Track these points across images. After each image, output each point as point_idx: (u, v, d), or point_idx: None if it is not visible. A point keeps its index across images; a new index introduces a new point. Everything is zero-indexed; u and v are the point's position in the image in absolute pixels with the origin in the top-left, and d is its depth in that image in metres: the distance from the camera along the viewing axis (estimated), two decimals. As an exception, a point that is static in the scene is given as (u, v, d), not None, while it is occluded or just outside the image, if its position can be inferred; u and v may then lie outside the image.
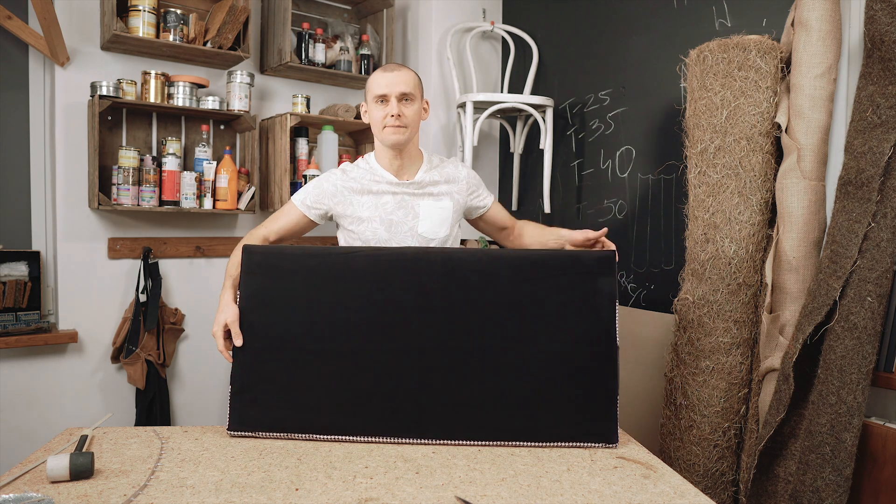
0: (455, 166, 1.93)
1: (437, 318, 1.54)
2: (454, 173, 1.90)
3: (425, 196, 1.85)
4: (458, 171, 1.91)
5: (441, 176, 1.88)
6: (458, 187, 1.89)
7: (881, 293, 1.63)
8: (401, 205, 1.83)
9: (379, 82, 1.76)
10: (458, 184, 1.89)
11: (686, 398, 2.00)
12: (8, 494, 1.16)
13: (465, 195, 1.91)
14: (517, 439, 1.48)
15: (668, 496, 1.25)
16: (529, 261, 1.57)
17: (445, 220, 1.85)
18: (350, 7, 3.22)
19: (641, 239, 2.58)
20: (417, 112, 1.79)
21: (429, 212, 1.83)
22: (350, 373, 1.52)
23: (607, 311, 1.54)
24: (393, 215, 1.82)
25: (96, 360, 2.66)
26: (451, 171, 1.90)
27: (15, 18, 2.42)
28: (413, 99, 1.76)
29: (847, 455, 1.62)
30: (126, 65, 2.67)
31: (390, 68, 1.77)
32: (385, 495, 1.22)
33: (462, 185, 1.90)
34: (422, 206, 1.83)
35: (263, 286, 1.58)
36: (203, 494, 1.21)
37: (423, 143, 3.15)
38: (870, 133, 1.68)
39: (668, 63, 2.45)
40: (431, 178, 1.86)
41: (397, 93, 1.74)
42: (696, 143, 2.02)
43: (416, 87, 1.79)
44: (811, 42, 1.83)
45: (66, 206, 2.57)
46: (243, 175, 2.83)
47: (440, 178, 1.87)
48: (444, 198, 1.86)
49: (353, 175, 1.86)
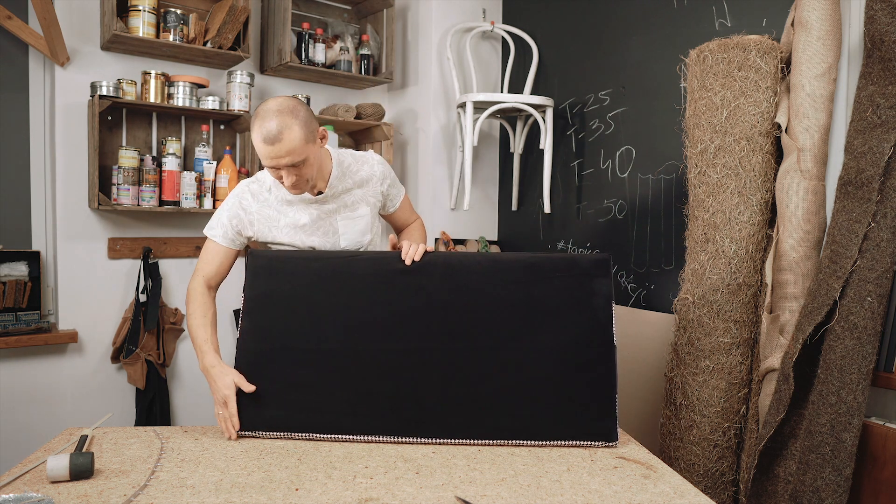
0: (369, 165, 1.83)
1: (437, 318, 1.56)
2: (368, 174, 1.82)
3: (339, 209, 1.77)
4: (372, 170, 1.82)
5: (355, 182, 1.80)
6: (373, 189, 1.83)
7: (881, 293, 1.63)
8: (316, 220, 1.75)
9: (262, 153, 1.56)
10: (371, 185, 1.82)
11: (686, 398, 2.00)
12: (8, 494, 1.16)
13: (380, 197, 1.86)
14: (517, 438, 1.49)
15: (668, 496, 1.25)
16: (527, 264, 1.61)
17: (366, 227, 1.82)
18: (350, 7, 3.22)
19: (641, 239, 2.58)
20: (313, 162, 1.62)
21: (347, 227, 1.79)
22: (351, 373, 1.53)
23: (604, 312, 1.56)
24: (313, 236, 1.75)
25: (96, 360, 2.66)
26: (364, 173, 1.81)
27: (15, 18, 2.42)
28: (303, 161, 1.57)
29: (847, 455, 1.62)
30: (126, 65, 2.67)
31: (269, 137, 1.52)
32: (385, 495, 1.22)
33: (375, 186, 1.83)
34: (339, 223, 1.78)
35: (268, 288, 1.61)
36: (203, 494, 1.21)
37: (424, 144, 3.16)
38: (870, 133, 1.68)
39: (668, 63, 2.45)
40: (344, 185, 1.77)
41: (283, 165, 1.56)
42: (696, 143, 2.02)
43: (302, 148, 1.55)
44: (811, 42, 1.83)
45: (66, 206, 2.57)
46: (243, 175, 2.83)
47: (353, 184, 1.79)
48: (359, 205, 1.80)
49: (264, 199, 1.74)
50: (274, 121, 1.53)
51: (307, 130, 1.57)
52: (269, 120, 1.53)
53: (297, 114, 1.56)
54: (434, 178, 3.14)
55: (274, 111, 1.54)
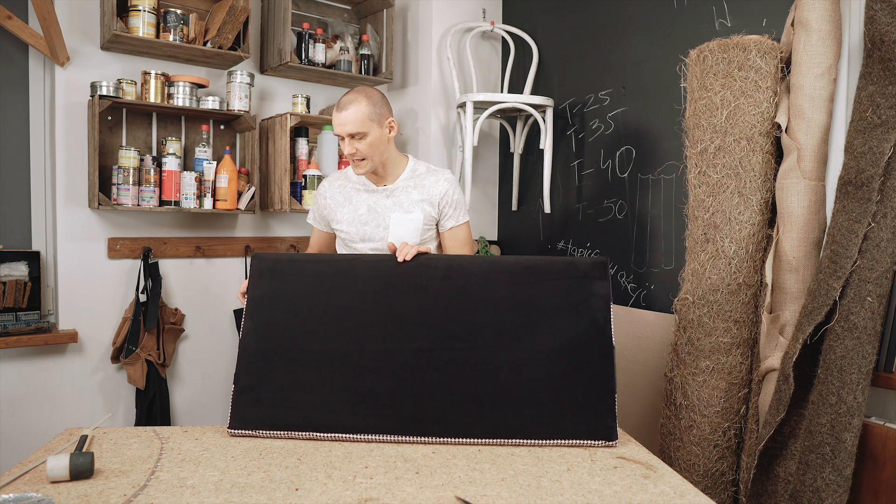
0: (437, 181, 1.91)
1: (437, 319, 1.57)
2: (433, 188, 1.91)
3: (395, 207, 1.88)
4: (436, 187, 1.91)
5: (417, 187, 1.90)
6: (431, 200, 1.90)
7: (881, 293, 1.63)
8: (373, 211, 1.90)
9: (334, 121, 1.83)
10: (432, 196, 1.90)
11: (686, 398, 2.01)
12: (8, 494, 1.16)
13: (436, 213, 1.92)
14: (517, 437, 1.49)
15: (668, 496, 1.25)
16: (527, 266, 1.62)
17: (415, 231, 1.87)
18: (350, 7, 3.22)
19: (641, 239, 2.58)
20: (374, 142, 1.82)
21: (397, 224, 1.87)
22: (352, 372, 1.54)
23: (602, 313, 1.57)
24: (367, 225, 1.90)
25: (96, 360, 2.66)
26: (430, 185, 1.91)
27: (15, 18, 2.42)
28: (363, 135, 1.79)
29: (847, 455, 1.62)
30: (126, 65, 2.67)
31: (340, 106, 1.80)
32: (385, 495, 1.22)
33: (435, 202, 1.91)
34: (392, 217, 1.88)
35: (270, 290, 1.62)
36: (203, 494, 1.21)
37: (424, 144, 3.15)
38: (870, 133, 1.68)
39: (668, 63, 2.45)
40: (406, 186, 1.90)
41: (345, 133, 1.80)
42: (696, 143, 2.02)
43: (364, 122, 1.79)
44: (811, 42, 1.83)
45: (66, 206, 2.57)
46: (243, 175, 2.83)
47: (415, 189, 1.90)
48: (414, 209, 1.88)
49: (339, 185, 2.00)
50: (349, 95, 1.81)
51: (374, 111, 1.80)
52: (346, 95, 1.82)
53: (371, 96, 1.82)
54: (434, 178, 3.13)
55: (354, 90, 1.83)
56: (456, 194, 1.93)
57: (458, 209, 1.95)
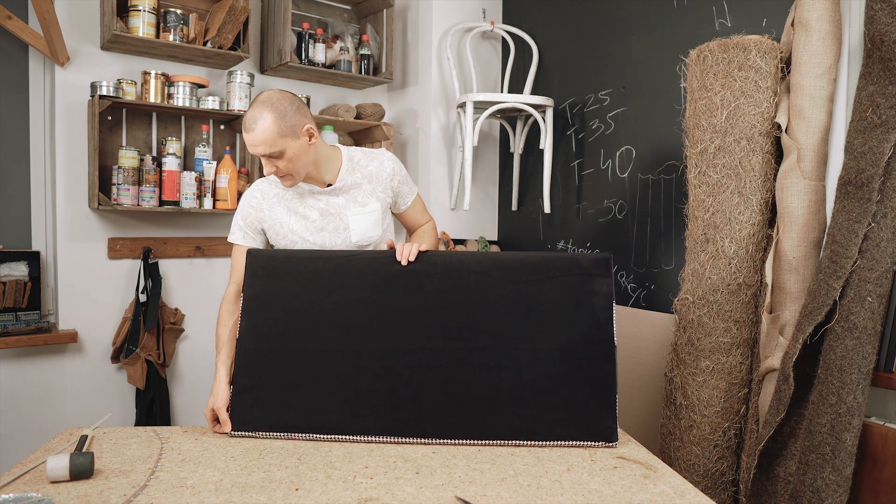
0: (379, 162, 1.84)
1: (437, 318, 1.56)
2: (378, 170, 1.83)
3: (350, 203, 1.79)
4: (382, 168, 1.83)
5: (364, 176, 1.81)
6: (383, 185, 1.83)
7: (881, 293, 1.63)
8: (327, 214, 1.77)
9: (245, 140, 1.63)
10: (381, 181, 1.83)
11: (686, 398, 2.00)
12: (8, 494, 1.16)
13: (391, 193, 1.86)
14: (517, 438, 1.48)
15: (668, 496, 1.25)
16: (528, 263, 1.59)
17: (376, 222, 1.82)
18: (350, 7, 3.22)
19: (641, 239, 2.58)
20: (294, 156, 1.63)
21: (357, 221, 1.79)
22: (351, 372, 1.53)
23: (604, 311, 1.55)
24: (324, 231, 1.78)
25: (96, 360, 2.66)
26: (374, 169, 1.83)
27: (15, 18, 2.42)
28: (279, 153, 1.61)
29: (847, 455, 1.62)
30: (126, 65, 2.67)
31: (246, 125, 1.60)
32: (385, 495, 1.22)
33: (385, 182, 1.83)
34: (349, 216, 1.79)
35: (267, 288, 1.60)
36: (203, 494, 1.21)
37: (424, 144, 3.16)
38: (870, 133, 1.68)
39: (668, 63, 2.45)
40: (353, 179, 1.80)
41: (258, 154, 1.63)
42: (696, 143, 2.02)
43: (275, 140, 1.59)
44: (811, 42, 1.83)
45: (66, 206, 2.57)
46: (243, 175, 2.83)
47: (363, 179, 1.81)
48: (368, 200, 1.81)
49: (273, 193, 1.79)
50: (253, 110, 1.60)
51: (284, 125, 1.59)
52: (250, 109, 1.61)
53: (278, 107, 1.59)
54: (434, 178, 3.14)
55: (257, 102, 1.61)
56: (399, 168, 1.87)
57: (408, 182, 1.91)
